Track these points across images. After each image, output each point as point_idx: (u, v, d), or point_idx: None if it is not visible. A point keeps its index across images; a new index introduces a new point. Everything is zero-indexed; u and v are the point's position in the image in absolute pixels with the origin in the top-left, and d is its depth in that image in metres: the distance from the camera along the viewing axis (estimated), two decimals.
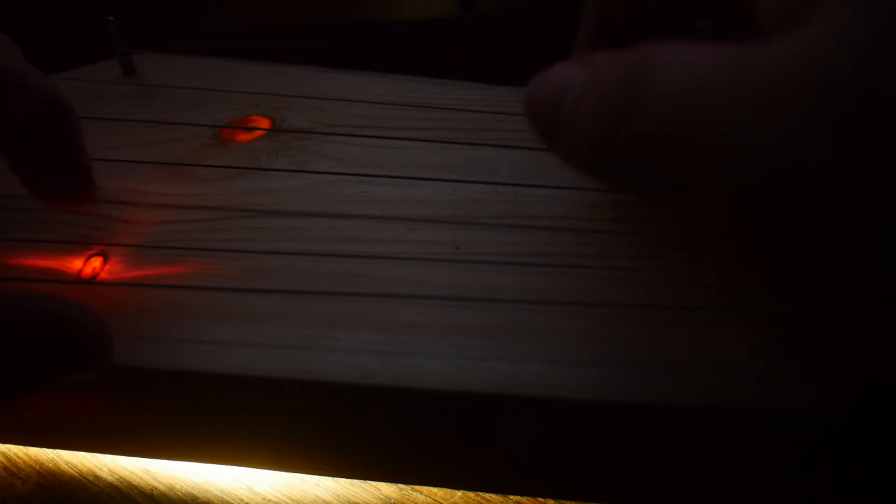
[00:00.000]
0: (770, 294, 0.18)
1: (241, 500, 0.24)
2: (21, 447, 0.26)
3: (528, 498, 0.23)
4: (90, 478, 0.25)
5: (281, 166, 0.25)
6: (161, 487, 0.25)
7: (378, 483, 0.24)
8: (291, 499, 0.24)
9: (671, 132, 0.13)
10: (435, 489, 0.24)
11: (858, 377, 0.17)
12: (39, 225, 0.24)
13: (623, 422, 0.19)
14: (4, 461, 0.26)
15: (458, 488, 0.23)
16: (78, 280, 0.22)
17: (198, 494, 0.24)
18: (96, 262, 0.23)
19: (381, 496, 0.24)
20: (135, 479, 0.25)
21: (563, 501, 0.23)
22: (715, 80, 0.13)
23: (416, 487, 0.24)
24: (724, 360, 0.18)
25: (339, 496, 0.24)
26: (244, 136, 0.27)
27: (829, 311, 0.14)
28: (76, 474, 0.25)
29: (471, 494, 0.24)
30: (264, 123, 0.28)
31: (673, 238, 0.21)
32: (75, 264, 0.23)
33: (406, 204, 0.23)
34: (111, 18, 0.30)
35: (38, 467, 0.26)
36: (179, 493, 0.25)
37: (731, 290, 0.20)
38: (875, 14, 0.11)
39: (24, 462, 0.26)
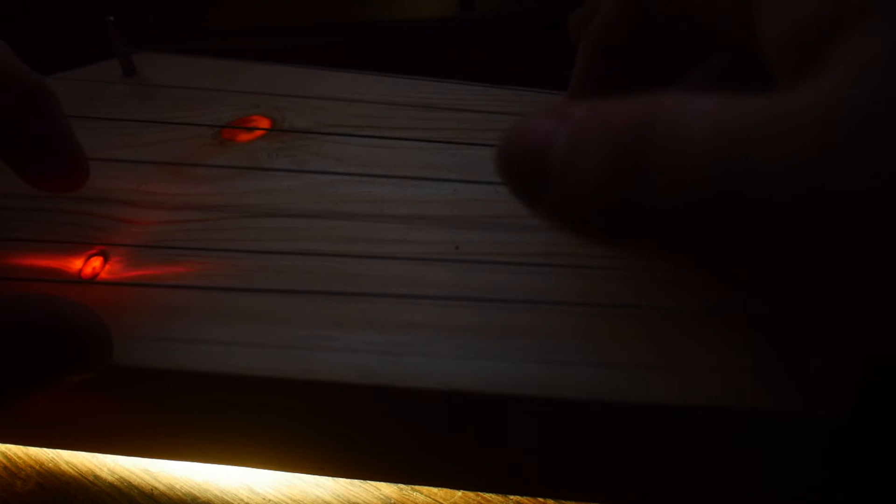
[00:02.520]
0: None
1: (241, 500, 0.24)
2: (21, 447, 0.26)
3: (528, 498, 0.23)
4: (90, 478, 0.25)
5: (281, 166, 0.25)
6: (161, 487, 0.25)
7: (378, 483, 0.24)
8: (291, 499, 0.24)
9: (706, 173, 0.13)
10: (435, 489, 0.24)
11: (858, 377, 0.17)
12: (39, 225, 0.24)
13: (623, 422, 0.19)
14: (4, 461, 0.26)
15: (458, 488, 0.23)
16: (78, 280, 0.22)
17: (198, 494, 0.24)
18: (96, 262, 0.23)
19: (381, 496, 0.24)
20: (135, 479, 0.25)
21: (564, 501, 0.23)
22: (751, 122, 0.12)
23: (416, 487, 0.24)
24: (723, 361, 0.18)
25: (339, 496, 0.24)
26: (244, 136, 0.27)
27: (850, 328, 0.14)
28: (76, 474, 0.25)
29: (471, 494, 0.24)
30: (264, 123, 0.28)
31: None
32: (75, 264, 0.23)
33: (406, 204, 0.23)
34: (111, 18, 0.30)
35: (38, 467, 0.26)
36: (179, 493, 0.25)
37: (730, 290, 0.20)
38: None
39: (24, 462, 0.26)
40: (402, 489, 0.24)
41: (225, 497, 0.24)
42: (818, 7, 0.14)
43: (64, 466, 0.26)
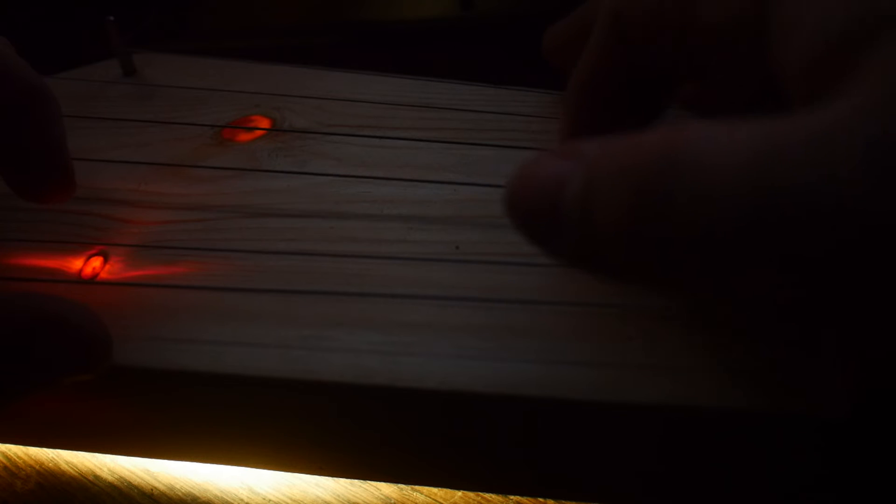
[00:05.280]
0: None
1: (241, 500, 0.24)
2: (21, 447, 0.26)
3: (528, 498, 0.23)
4: (90, 478, 0.25)
5: (281, 166, 0.25)
6: (161, 487, 0.25)
7: (378, 483, 0.24)
8: (291, 499, 0.24)
9: (737, 198, 0.12)
10: (435, 489, 0.24)
11: (858, 377, 0.17)
12: (39, 225, 0.24)
13: (622, 422, 0.19)
14: (4, 461, 0.26)
15: (458, 488, 0.23)
16: (78, 280, 0.22)
17: (198, 494, 0.24)
18: (96, 262, 0.23)
19: (381, 496, 0.24)
20: (135, 479, 0.25)
21: (563, 502, 0.23)
22: (781, 141, 0.12)
23: (416, 487, 0.24)
24: (723, 361, 0.18)
25: (339, 496, 0.24)
26: (244, 136, 0.27)
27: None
28: (76, 474, 0.25)
29: (471, 494, 0.24)
30: (264, 123, 0.28)
31: None
32: (75, 264, 0.23)
33: (406, 204, 0.23)
34: (111, 18, 0.30)
35: (38, 467, 0.26)
36: (179, 493, 0.25)
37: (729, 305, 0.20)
38: None
39: (24, 462, 0.26)
40: (402, 489, 0.24)
41: (225, 497, 0.24)
42: (843, 24, 0.13)
43: (64, 466, 0.26)
